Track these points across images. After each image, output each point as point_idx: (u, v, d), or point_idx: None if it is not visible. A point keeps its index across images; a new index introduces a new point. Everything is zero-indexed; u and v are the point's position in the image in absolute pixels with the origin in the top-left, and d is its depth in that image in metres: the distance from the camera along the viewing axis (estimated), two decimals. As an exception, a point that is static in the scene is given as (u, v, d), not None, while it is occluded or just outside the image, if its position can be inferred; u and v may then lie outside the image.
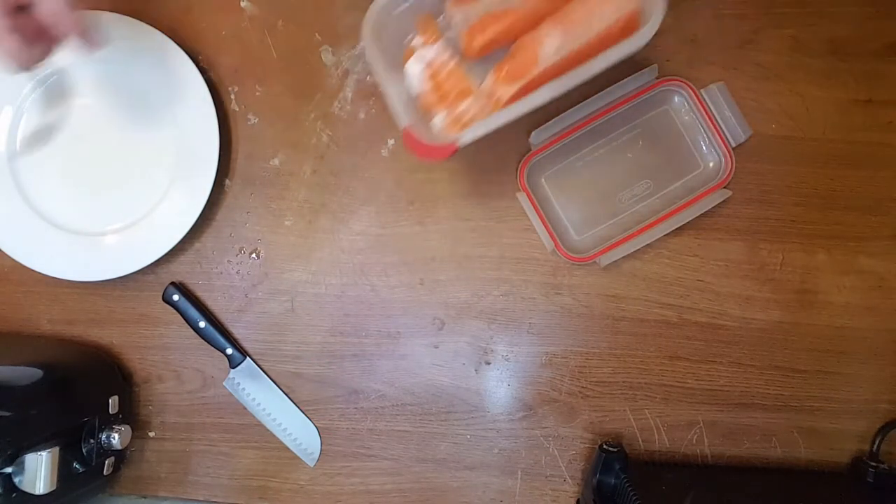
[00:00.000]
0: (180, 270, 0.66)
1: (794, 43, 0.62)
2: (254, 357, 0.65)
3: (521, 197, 0.61)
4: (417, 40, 0.53)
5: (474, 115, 0.52)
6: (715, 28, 0.62)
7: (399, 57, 0.54)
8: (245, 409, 0.65)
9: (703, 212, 0.59)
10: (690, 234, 0.61)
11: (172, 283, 0.64)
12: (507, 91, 0.50)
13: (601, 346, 0.63)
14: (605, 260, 0.60)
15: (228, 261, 0.65)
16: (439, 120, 0.52)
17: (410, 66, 0.53)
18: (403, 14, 0.53)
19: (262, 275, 0.65)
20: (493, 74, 0.52)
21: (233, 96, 0.65)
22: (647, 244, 0.61)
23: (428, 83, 0.52)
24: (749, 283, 0.63)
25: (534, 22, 0.52)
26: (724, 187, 0.60)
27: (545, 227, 0.60)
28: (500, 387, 0.64)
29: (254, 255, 0.65)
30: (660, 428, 0.63)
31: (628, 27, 0.50)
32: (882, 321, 0.62)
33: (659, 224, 0.59)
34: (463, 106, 0.52)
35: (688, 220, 0.59)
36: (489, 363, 0.64)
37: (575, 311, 0.63)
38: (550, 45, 0.49)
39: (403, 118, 0.48)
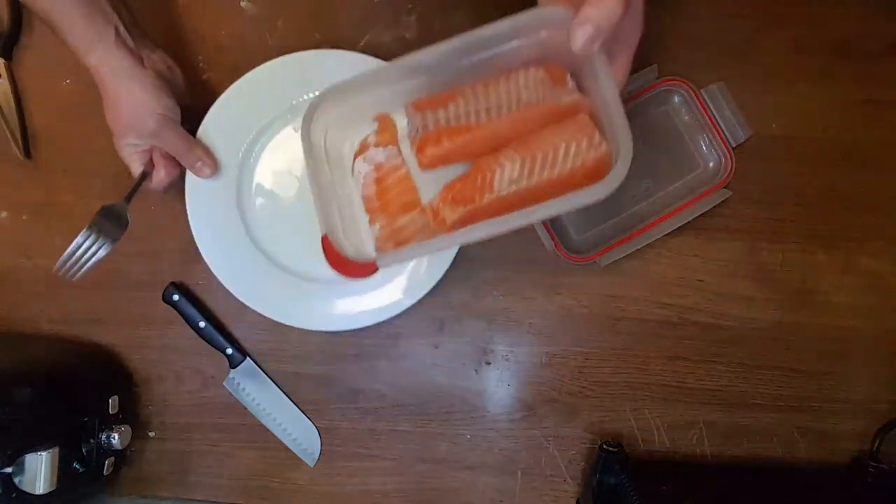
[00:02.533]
0: (180, 270, 0.65)
1: (794, 43, 0.62)
2: (254, 357, 0.65)
3: None
4: (372, 137, 0.49)
5: (413, 234, 0.48)
6: (715, 28, 0.62)
7: (345, 149, 0.50)
8: (245, 409, 0.65)
9: (702, 212, 0.59)
10: (690, 234, 0.61)
11: (172, 283, 0.64)
12: (453, 214, 0.45)
13: (601, 346, 0.63)
14: (605, 260, 0.60)
15: (228, 261, 0.65)
16: (377, 229, 0.49)
17: (359, 164, 0.49)
18: (363, 105, 0.48)
19: (262, 275, 0.65)
20: (442, 193, 0.47)
21: (233, 96, 0.65)
22: (648, 244, 0.61)
23: (373, 187, 0.49)
24: (749, 283, 0.63)
25: (494, 145, 0.46)
26: (724, 187, 0.60)
27: (545, 227, 0.60)
28: (500, 387, 0.64)
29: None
30: (660, 428, 0.63)
31: (595, 172, 0.44)
32: (882, 321, 0.62)
33: (659, 224, 0.59)
34: (404, 220, 0.48)
35: (688, 220, 0.59)
36: (489, 363, 0.64)
37: (575, 311, 0.63)
38: (508, 172, 0.44)
39: (324, 224, 0.43)
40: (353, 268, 0.45)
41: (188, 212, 0.61)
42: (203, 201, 0.61)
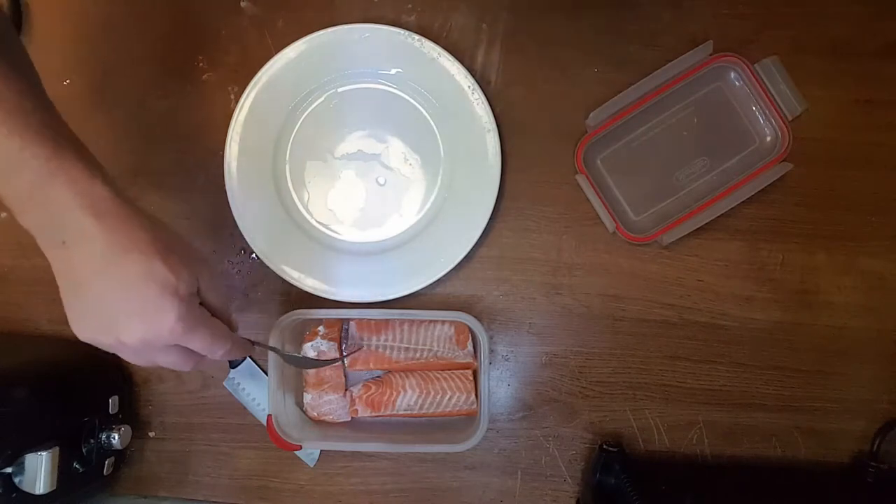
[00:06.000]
0: (180, 270, 0.65)
1: (794, 43, 0.62)
2: (254, 357, 0.65)
3: (581, 179, 0.61)
4: (322, 329, 0.63)
5: (331, 412, 0.63)
6: (715, 28, 0.62)
7: (302, 332, 0.64)
8: (245, 409, 0.65)
9: (764, 186, 0.59)
10: (690, 234, 0.61)
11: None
12: (364, 412, 0.62)
13: (601, 346, 0.63)
14: (668, 238, 0.60)
15: (229, 261, 0.65)
16: (308, 398, 0.63)
17: (307, 347, 0.62)
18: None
19: (262, 275, 0.65)
20: (361, 389, 0.63)
21: (232, 96, 0.65)
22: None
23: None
24: (749, 283, 0.63)
25: (405, 368, 0.62)
26: (784, 160, 0.60)
27: (605, 208, 0.60)
28: (500, 387, 0.64)
29: (254, 255, 0.65)
30: (660, 428, 0.63)
31: (470, 412, 0.62)
32: (882, 321, 0.62)
33: (720, 200, 0.59)
34: (329, 397, 0.62)
35: (750, 195, 0.59)
36: (489, 363, 0.64)
37: (575, 311, 0.63)
38: (408, 399, 0.61)
39: (271, 405, 0.59)
40: (284, 444, 0.59)
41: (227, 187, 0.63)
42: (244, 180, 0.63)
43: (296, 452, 0.64)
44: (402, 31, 0.62)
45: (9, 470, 0.50)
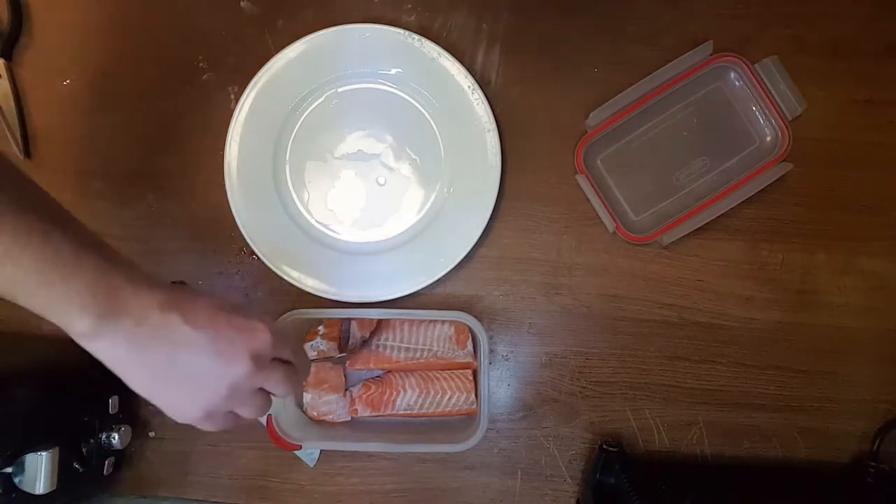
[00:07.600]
0: (180, 270, 0.65)
1: (794, 43, 0.62)
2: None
3: (581, 179, 0.61)
4: (322, 329, 0.63)
5: (331, 412, 0.63)
6: (715, 28, 0.62)
7: (302, 332, 0.64)
8: (245, 409, 0.65)
9: (764, 186, 0.59)
10: (690, 234, 0.61)
11: (172, 283, 0.64)
12: (364, 412, 0.62)
13: (601, 346, 0.63)
14: (668, 238, 0.60)
15: (229, 261, 0.65)
16: (308, 398, 0.63)
17: (307, 347, 0.62)
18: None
19: (263, 275, 0.65)
20: (361, 388, 0.63)
21: (232, 96, 0.65)
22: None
23: (312, 367, 0.62)
24: (749, 283, 0.63)
25: (405, 368, 0.62)
26: (784, 160, 0.60)
27: (605, 208, 0.60)
28: (500, 387, 0.64)
29: (254, 255, 0.65)
30: (660, 428, 0.63)
31: (470, 412, 0.62)
32: (882, 321, 0.62)
33: (720, 200, 0.59)
34: (328, 397, 0.62)
35: (750, 195, 0.59)
36: (489, 363, 0.64)
37: (575, 311, 0.63)
38: (408, 398, 0.61)
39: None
40: (284, 444, 0.58)
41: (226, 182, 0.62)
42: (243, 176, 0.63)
43: (296, 452, 0.64)
44: (402, 31, 0.62)
45: (9, 470, 0.50)
